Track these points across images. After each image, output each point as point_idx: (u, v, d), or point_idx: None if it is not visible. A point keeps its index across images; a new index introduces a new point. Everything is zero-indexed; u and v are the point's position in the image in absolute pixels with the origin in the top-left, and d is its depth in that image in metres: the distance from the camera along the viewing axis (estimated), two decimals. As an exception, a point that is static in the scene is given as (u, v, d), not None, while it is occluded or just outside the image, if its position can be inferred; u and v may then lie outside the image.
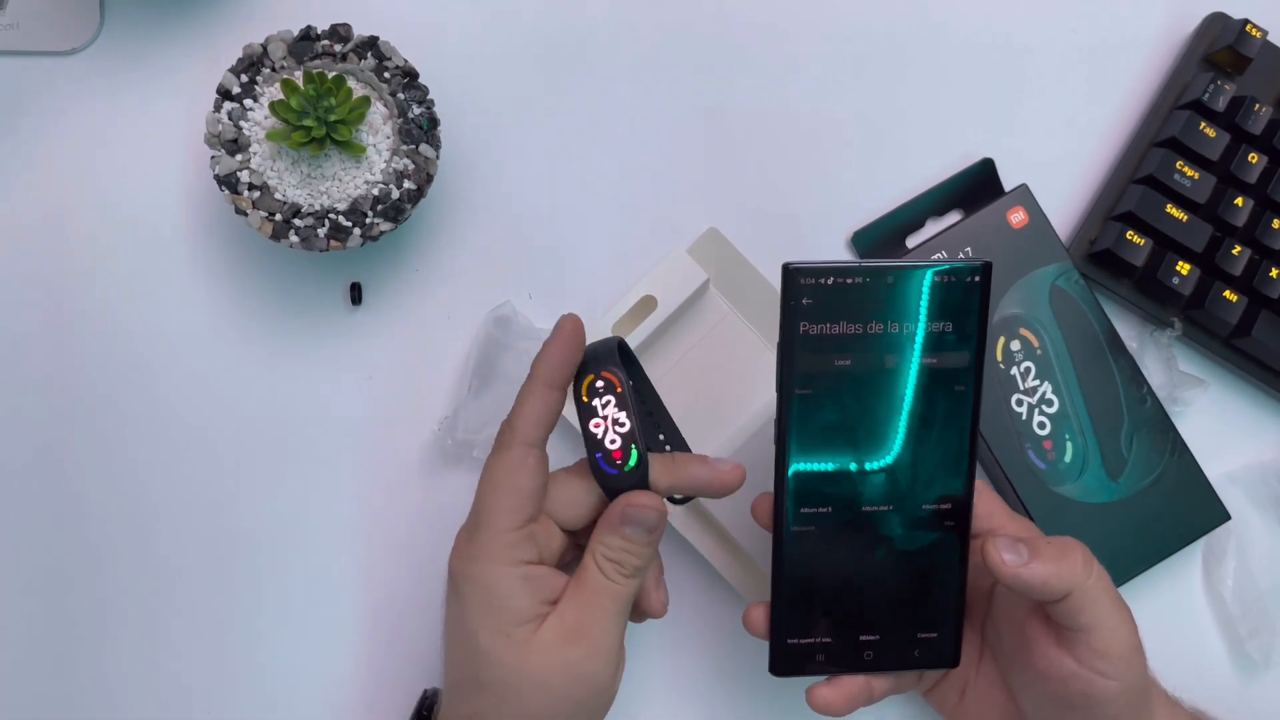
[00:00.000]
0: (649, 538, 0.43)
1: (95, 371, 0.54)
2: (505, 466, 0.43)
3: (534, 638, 0.42)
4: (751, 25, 0.57)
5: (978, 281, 0.41)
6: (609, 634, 0.43)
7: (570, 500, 0.44)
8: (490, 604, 0.42)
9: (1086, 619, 0.41)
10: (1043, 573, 0.41)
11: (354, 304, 0.55)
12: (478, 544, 0.43)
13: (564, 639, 0.42)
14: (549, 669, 0.42)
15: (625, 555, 0.43)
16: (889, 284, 0.40)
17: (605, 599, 0.42)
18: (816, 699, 0.43)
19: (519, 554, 0.42)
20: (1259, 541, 0.55)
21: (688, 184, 0.56)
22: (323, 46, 0.51)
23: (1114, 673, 0.41)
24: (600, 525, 0.43)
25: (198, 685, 0.54)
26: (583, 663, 0.42)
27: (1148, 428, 0.53)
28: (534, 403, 0.43)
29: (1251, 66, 0.56)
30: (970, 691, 0.47)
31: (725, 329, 0.55)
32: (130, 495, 0.54)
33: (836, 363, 0.41)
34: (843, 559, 0.43)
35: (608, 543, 0.43)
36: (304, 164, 0.52)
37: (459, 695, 0.44)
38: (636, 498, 0.43)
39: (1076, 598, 0.41)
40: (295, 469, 0.54)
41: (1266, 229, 0.54)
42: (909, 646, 0.44)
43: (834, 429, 0.42)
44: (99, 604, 0.54)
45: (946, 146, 0.56)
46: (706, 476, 0.44)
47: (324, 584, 0.54)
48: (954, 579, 0.43)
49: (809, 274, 0.40)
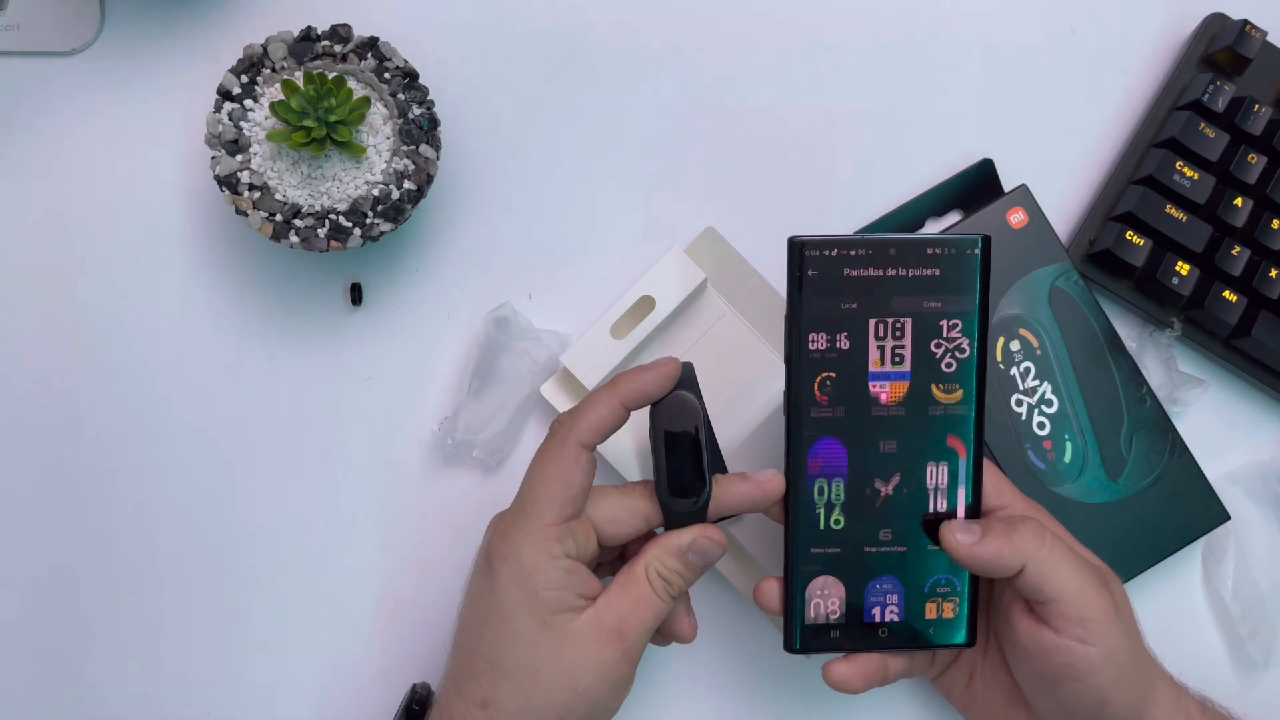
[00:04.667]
0: (700, 571, 0.45)
1: (95, 371, 0.54)
2: (559, 460, 0.43)
3: (570, 628, 0.43)
4: (751, 25, 0.57)
5: (977, 254, 0.42)
6: (641, 643, 0.44)
7: (615, 518, 0.45)
8: (529, 590, 0.43)
9: (1050, 588, 0.42)
10: (994, 548, 0.42)
11: (354, 304, 0.55)
12: (521, 530, 0.43)
13: (602, 638, 0.43)
14: (580, 664, 0.42)
15: (677, 578, 0.44)
16: (891, 255, 0.42)
17: (648, 610, 0.44)
18: (833, 675, 0.44)
19: (561, 547, 0.43)
20: (1259, 541, 0.55)
21: (686, 184, 0.56)
22: (323, 47, 0.52)
23: (1091, 638, 0.42)
24: (661, 544, 0.44)
25: (198, 684, 0.54)
26: (614, 665, 0.43)
27: (1147, 428, 0.53)
28: (604, 410, 0.44)
29: (1251, 67, 0.56)
30: (978, 677, 0.47)
31: (723, 328, 0.55)
32: (130, 495, 0.54)
33: (843, 334, 0.42)
34: (857, 534, 0.43)
35: (666, 562, 0.44)
36: (304, 164, 0.52)
37: (472, 681, 0.44)
38: (711, 532, 0.44)
39: (1033, 569, 0.42)
40: (295, 469, 0.54)
41: (1266, 229, 0.54)
42: (924, 626, 0.44)
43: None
44: (99, 603, 0.54)
45: (946, 146, 0.57)
46: (752, 493, 0.44)
47: (324, 583, 0.54)
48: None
49: (814, 246, 0.42)
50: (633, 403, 0.44)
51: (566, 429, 0.44)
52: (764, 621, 0.54)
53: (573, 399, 0.54)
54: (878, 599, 0.44)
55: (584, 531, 0.44)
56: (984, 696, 0.47)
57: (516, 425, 0.54)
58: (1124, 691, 0.43)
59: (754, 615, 0.54)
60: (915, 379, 0.43)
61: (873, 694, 0.53)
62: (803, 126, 0.57)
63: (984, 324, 0.43)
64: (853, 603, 0.44)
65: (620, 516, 0.44)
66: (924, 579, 0.44)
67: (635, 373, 0.44)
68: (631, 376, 0.44)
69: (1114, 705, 0.43)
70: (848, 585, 0.44)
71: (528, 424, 0.55)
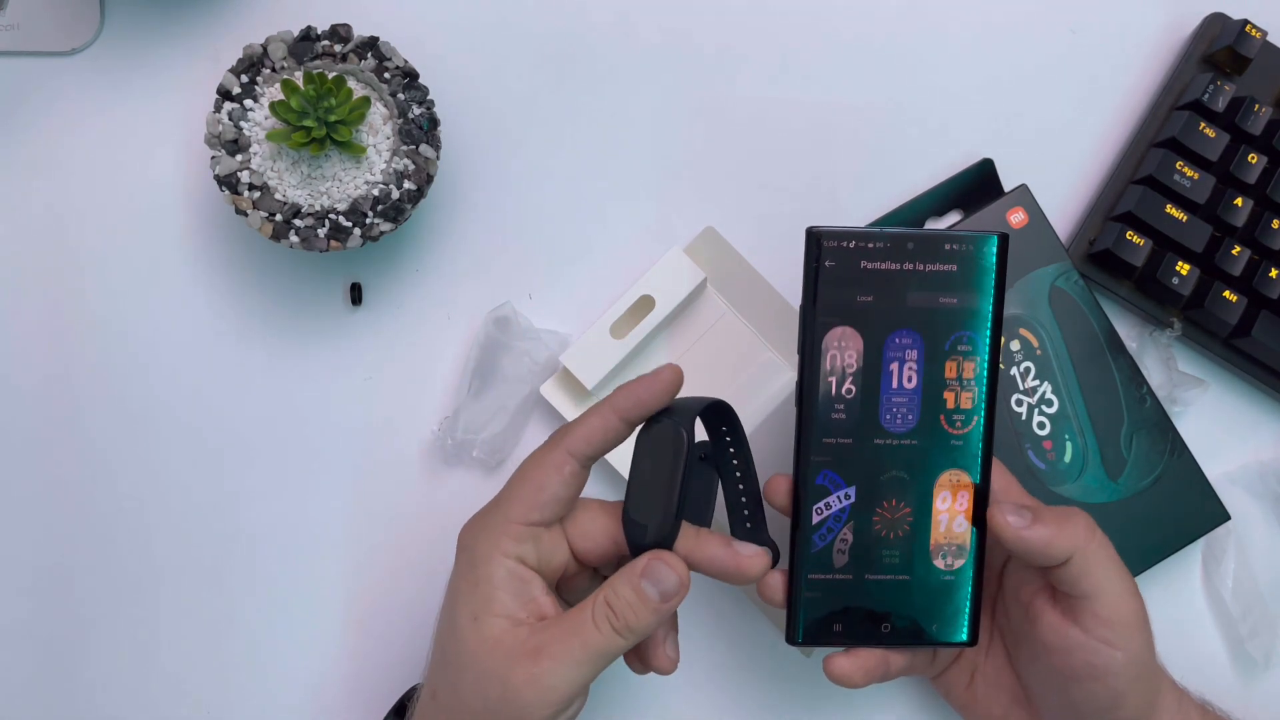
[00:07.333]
0: (660, 605, 0.41)
1: (94, 371, 0.54)
2: (539, 463, 0.43)
3: (500, 635, 0.41)
4: (750, 25, 0.57)
5: (994, 250, 0.42)
6: (560, 676, 0.40)
7: (585, 532, 0.43)
8: (472, 579, 0.42)
9: (1090, 584, 0.42)
10: (1045, 535, 0.41)
11: (354, 304, 0.55)
12: (482, 522, 0.43)
13: (517, 655, 0.40)
14: (492, 675, 0.40)
15: (627, 610, 0.41)
16: (909, 249, 0.42)
17: (576, 640, 0.40)
18: (834, 668, 0.43)
19: (515, 548, 0.42)
20: (1259, 541, 0.55)
21: (686, 184, 0.56)
22: (323, 47, 0.52)
23: (1119, 641, 0.42)
24: (620, 572, 0.42)
25: (198, 683, 0.54)
26: (521, 689, 0.40)
27: (1147, 428, 0.53)
28: (596, 422, 0.42)
29: (1251, 67, 0.56)
30: (979, 676, 0.47)
31: (723, 328, 0.55)
32: (130, 494, 0.54)
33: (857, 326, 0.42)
34: (863, 529, 0.43)
35: (618, 589, 0.41)
36: (304, 164, 0.52)
37: (430, 668, 0.44)
38: (666, 557, 0.41)
39: (1078, 562, 0.41)
40: (295, 469, 0.54)
41: (1266, 229, 0.54)
42: (927, 623, 0.44)
43: (855, 396, 0.43)
44: (98, 603, 0.54)
45: (946, 146, 0.57)
46: (724, 560, 0.42)
47: (324, 583, 0.54)
48: (972, 555, 0.44)
49: (832, 237, 0.42)
50: (628, 413, 0.42)
51: (557, 436, 0.43)
52: (762, 617, 0.54)
53: (573, 399, 0.54)
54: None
55: (552, 541, 0.43)
56: (985, 696, 0.47)
57: (516, 425, 0.54)
58: (1136, 695, 0.43)
59: (753, 610, 0.54)
60: (928, 379, 0.43)
61: (871, 693, 0.53)
62: (803, 126, 0.57)
63: (998, 321, 0.43)
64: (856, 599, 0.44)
65: (590, 531, 0.43)
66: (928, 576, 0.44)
67: (632, 383, 0.43)
68: (628, 387, 0.43)
69: (1125, 709, 0.43)
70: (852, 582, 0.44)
71: (528, 424, 0.55)
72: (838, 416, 0.43)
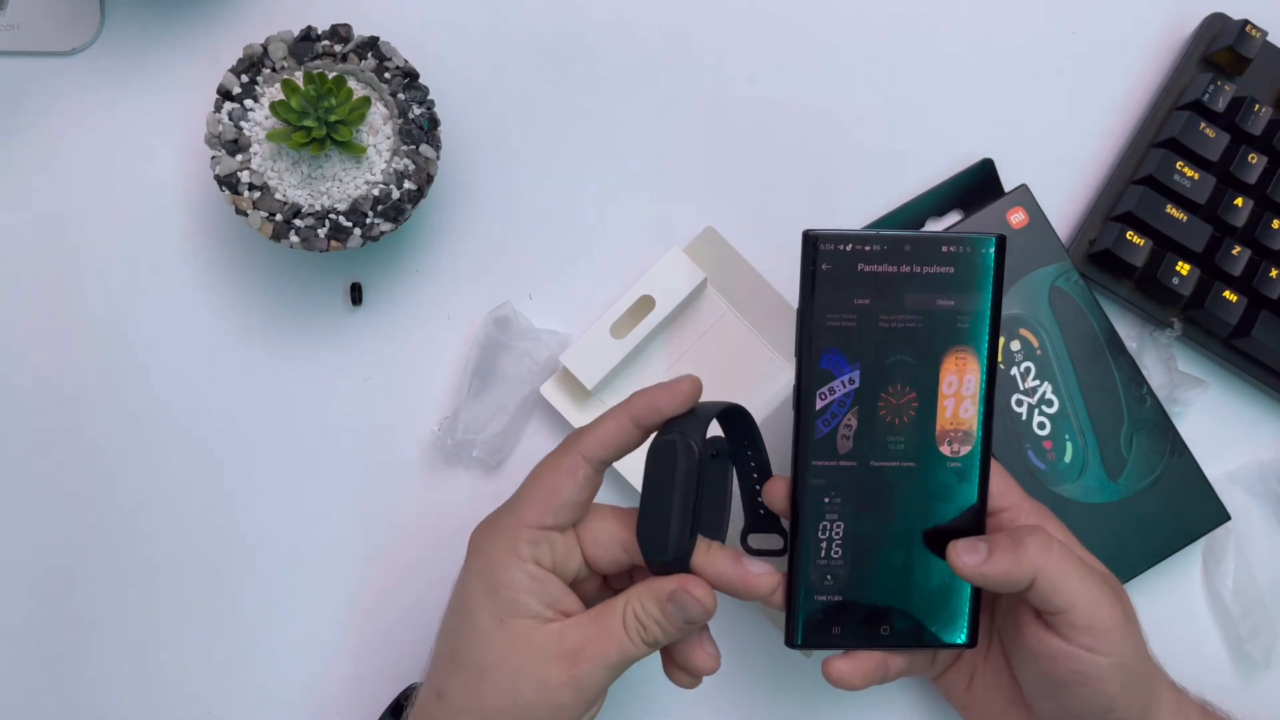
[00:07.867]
0: (684, 626, 0.42)
1: (94, 371, 0.54)
2: (553, 466, 0.43)
3: (525, 635, 0.42)
4: (750, 25, 0.57)
5: (992, 251, 0.42)
6: (596, 677, 0.42)
7: (596, 539, 0.43)
8: (489, 584, 0.42)
9: (1062, 599, 0.41)
10: (1002, 566, 0.41)
11: (354, 304, 0.55)
12: (496, 526, 0.43)
13: (554, 656, 0.41)
14: (525, 675, 0.41)
15: (653, 625, 0.42)
16: (906, 251, 0.42)
17: (612, 646, 0.42)
18: (832, 671, 0.43)
19: (531, 551, 0.42)
20: (1259, 541, 0.55)
21: (686, 184, 0.56)
22: (323, 47, 0.52)
23: (1101, 648, 0.41)
24: (645, 585, 0.42)
25: (197, 683, 0.54)
26: (557, 688, 0.41)
27: (1147, 428, 0.53)
28: (612, 426, 0.43)
29: (1251, 67, 0.56)
30: (979, 678, 0.47)
31: (723, 328, 0.55)
32: (129, 494, 0.54)
33: (854, 327, 0.42)
34: (862, 531, 0.43)
35: (645, 605, 0.42)
36: (304, 164, 0.52)
37: (434, 668, 0.44)
38: (695, 588, 0.41)
39: (1043, 582, 0.41)
40: (295, 469, 0.54)
41: (1266, 229, 0.54)
42: (926, 625, 0.44)
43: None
44: (98, 603, 0.54)
45: (946, 146, 0.56)
46: (732, 576, 0.42)
47: (324, 583, 0.54)
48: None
49: (828, 240, 0.42)
50: (643, 420, 0.43)
51: (572, 440, 0.43)
52: (763, 619, 0.54)
53: (573, 399, 0.54)
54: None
55: (566, 545, 0.43)
56: (984, 697, 0.47)
57: (516, 425, 0.54)
58: (1129, 698, 0.43)
59: (753, 611, 0.54)
60: (925, 378, 0.43)
61: (871, 693, 0.53)
62: (803, 126, 0.57)
63: (996, 322, 0.43)
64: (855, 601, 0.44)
65: (601, 539, 0.43)
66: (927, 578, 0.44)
67: (650, 390, 0.43)
68: (645, 394, 0.43)
69: (1119, 711, 0.43)
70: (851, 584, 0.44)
71: (528, 424, 0.55)
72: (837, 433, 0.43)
